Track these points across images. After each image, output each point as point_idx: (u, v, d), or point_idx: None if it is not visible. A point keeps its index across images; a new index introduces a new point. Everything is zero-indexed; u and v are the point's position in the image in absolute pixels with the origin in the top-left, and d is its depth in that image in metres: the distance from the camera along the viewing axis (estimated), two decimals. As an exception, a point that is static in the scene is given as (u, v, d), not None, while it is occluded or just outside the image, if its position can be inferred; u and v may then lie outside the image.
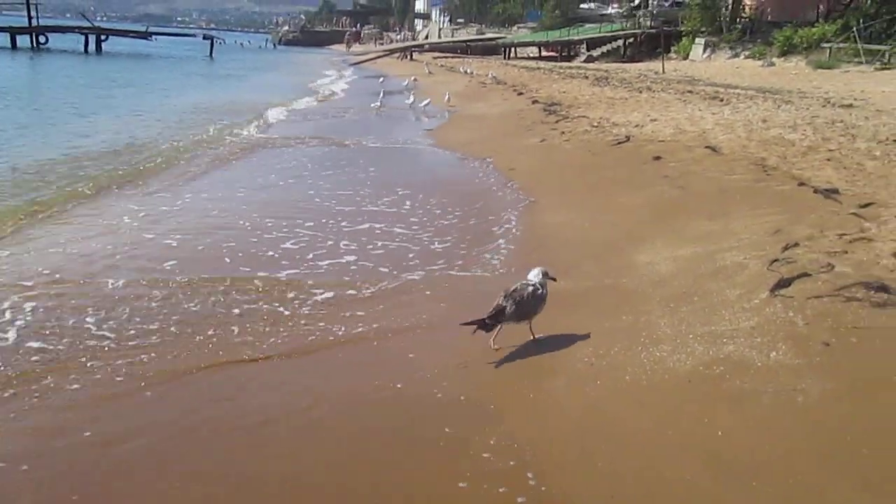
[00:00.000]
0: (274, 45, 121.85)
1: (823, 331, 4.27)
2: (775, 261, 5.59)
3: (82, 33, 56.38)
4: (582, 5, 69.72)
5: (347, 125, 19.13)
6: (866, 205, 6.97)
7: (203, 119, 18.56)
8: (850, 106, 15.43)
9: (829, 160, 9.10)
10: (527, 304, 4.71)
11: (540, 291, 4.77)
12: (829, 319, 4.40)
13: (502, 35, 72.55)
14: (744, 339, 4.35)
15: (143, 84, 30.22)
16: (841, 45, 30.64)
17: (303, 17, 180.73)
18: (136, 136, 14.92)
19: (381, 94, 23.50)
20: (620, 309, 5.25)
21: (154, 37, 66.89)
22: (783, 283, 5.08)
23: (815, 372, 3.85)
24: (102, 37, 57.53)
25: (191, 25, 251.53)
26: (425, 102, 21.62)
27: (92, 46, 55.19)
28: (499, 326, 4.73)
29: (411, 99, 21.69)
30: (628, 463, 3.43)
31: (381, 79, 32.18)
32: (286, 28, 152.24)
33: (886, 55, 27.67)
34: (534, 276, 4.88)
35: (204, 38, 72.64)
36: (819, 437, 3.38)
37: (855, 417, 3.47)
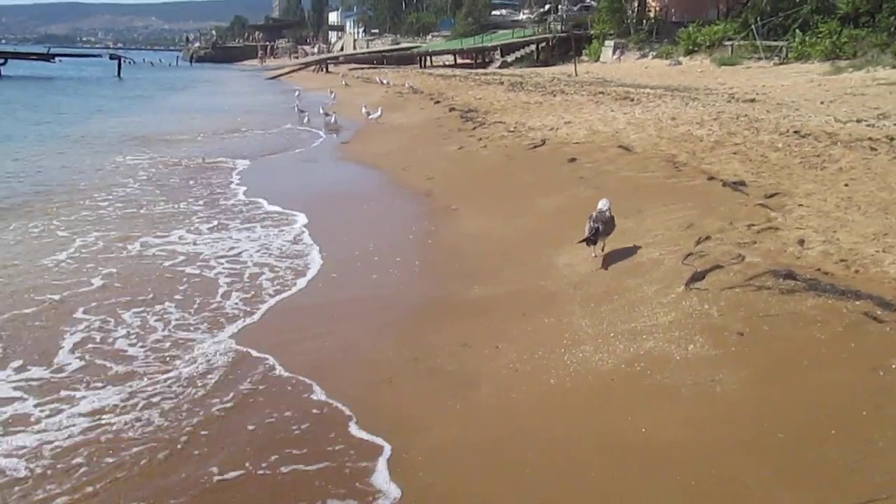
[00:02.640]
0: (192, 62, 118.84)
1: (737, 321, 4.38)
2: (689, 255, 5.73)
3: (-25, 58, 53.76)
4: (494, 12, 70.69)
5: (256, 141, 18.69)
6: (772, 195, 7.24)
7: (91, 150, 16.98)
8: (753, 100, 16.08)
9: (735, 154, 9.42)
10: (609, 224, 6.17)
11: (610, 214, 6.18)
12: (742, 309, 4.52)
13: (417, 44, 72.81)
14: (662, 334, 4.43)
15: (40, 109, 28.45)
16: (742, 42, 31.96)
17: (214, 32, 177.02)
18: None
19: (297, 109, 23.17)
20: (543, 311, 5.28)
21: (57, 58, 64.34)
22: (697, 277, 5.21)
23: (731, 362, 3.95)
24: (0, 60, 54.92)
25: (97, 46, 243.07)
26: (336, 117, 21.37)
27: (-10, 71, 52.66)
28: (602, 242, 6.13)
29: (329, 115, 21.43)
30: (555, 468, 3.43)
31: (297, 92, 31.66)
32: (197, 45, 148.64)
33: (783, 51, 28.99)
34: (603, 204, 6.24)
35: (111, 57, 70.09)
36: (737, 425, 3.46)
37: (769, 403, 3.57)
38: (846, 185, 7.43)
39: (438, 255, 7.30)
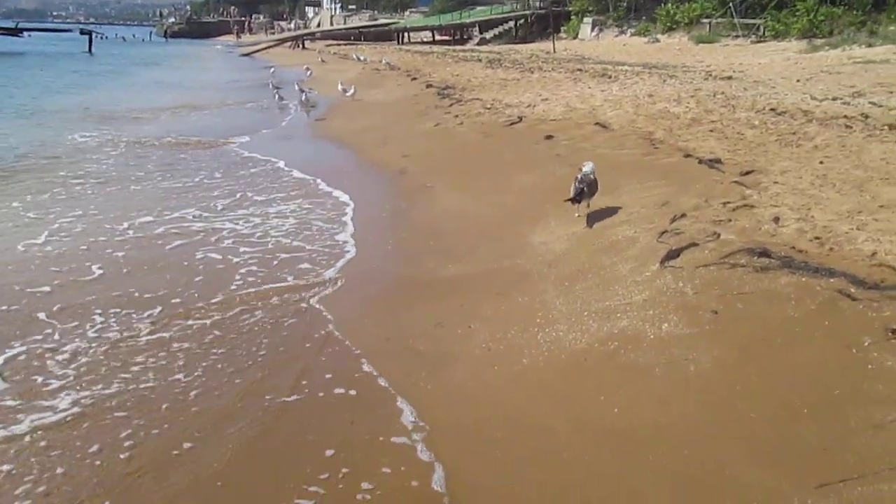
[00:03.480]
0: (166, 37, 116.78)
1: (711, 299, 4.35)
2: (664, 232, 5.69)
3: (-59, 32, 52.33)
4: (472, -12, 70.02)
5: (226, 119, 18.36)
6: (747, 172, 7.22)
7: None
8: (730, 78, 16.06)
9: (711, 131, 9.39)
10: (593, 185, 6.51)
11: (594, 176, 6.50)
12: (716, 287, 4.49)
13: (395, 20, 72.04)
14: (636, 312, 4.38)
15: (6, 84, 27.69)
16: (720, 20, 31.95)
17: (188, 7, 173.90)
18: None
19: (271, 85, 22.80)
20: (517, 290, 5.22)
21: (26, 33, 62.88)
22: (672, 255, 5.17)
23: (704, 340, 3.92)
24: (-34, 35, 53.63)
25: (68, 20, 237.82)
26: (312, 94, 21.10)
27: (-45, 46, 51.38)
28: (585, 202, 6.49)
29: (304, 91, 21.10)
30: (528, 448, 3.39)
31: (272, 69, 31.19)
32: (172, 20, 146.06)
33: (761, 29, 29.02)
34: (588, 167, 6.54)
35: (81, 32, 68.42)
36: (710, 405, 3.43)
37: (742, 382, 3.53)
38: (821, 162, 7.43)
39: (413, 233, 7.20)
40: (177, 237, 7.44)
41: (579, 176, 6.53)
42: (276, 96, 21.52)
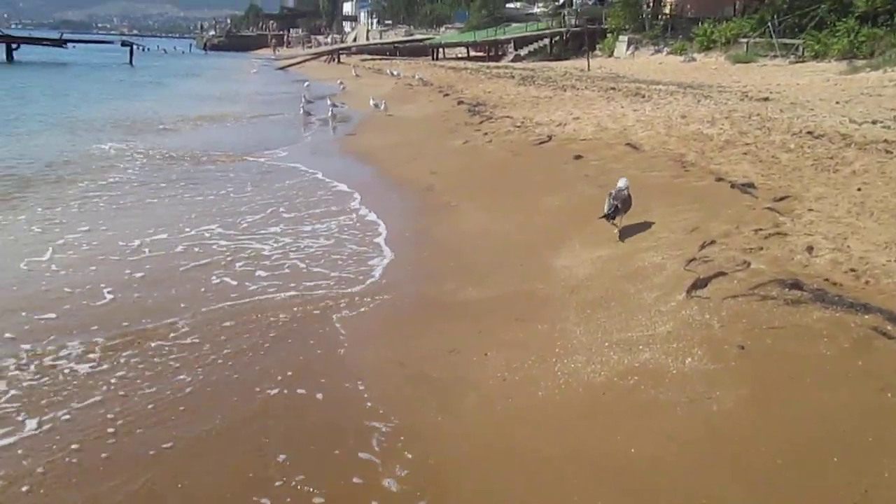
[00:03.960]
0: (206, 50, 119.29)
1: (738, 333, 4.16)
2: (692, 260, 5.51)
3: (-10, 42, 53.75)
4: (508, 5, 70.21)
5: (258, 133, 18.50)
6: (781, 198, 7.00)
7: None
8: (767, 99, 15.76)
9: (745, 154, 9.17)
10: (627, 202, 6.63)
11: (628, 193, 6.66)
12: (744, 320, 4.30)
13: (430, 36, 72.48)
14: (659, 345, 4.21)
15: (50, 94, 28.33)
16: (757, 39, 31.52)
17: (229, 21, 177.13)
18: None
19: (304, 98, 22.95)
20: (537, 317, 5.06)
21: (70, 44, 64.41)
22: (699, 284, 4.99)
23: (729, 377, 3.73)
24: (14, 45, 54.93)
25: (112, 32, 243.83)
26: (343, 108, 21.26)
27: (2, 56, 52.65)
28: (620, 217, 6.57)
29: (336, 105, 21.23)
30: (540, 492, 3.22)
31: (306, 83, 31.49)
32: (212, 33, 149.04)
33: (800, 49, 28.55)
34: (623, 183, 6.76)
35: (123, 44, 70.02)
36: (733, 448, 3.24)
37: (768, 425, 3.35)
38: (859, 189, 7.18)
39: (435, 253, 7.09)
40: (192, 257, 7.20)
41: (613, 192, 6.67)
42: (303, 111, 21.62)
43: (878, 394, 3.40)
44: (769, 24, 31.15)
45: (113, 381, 4.48)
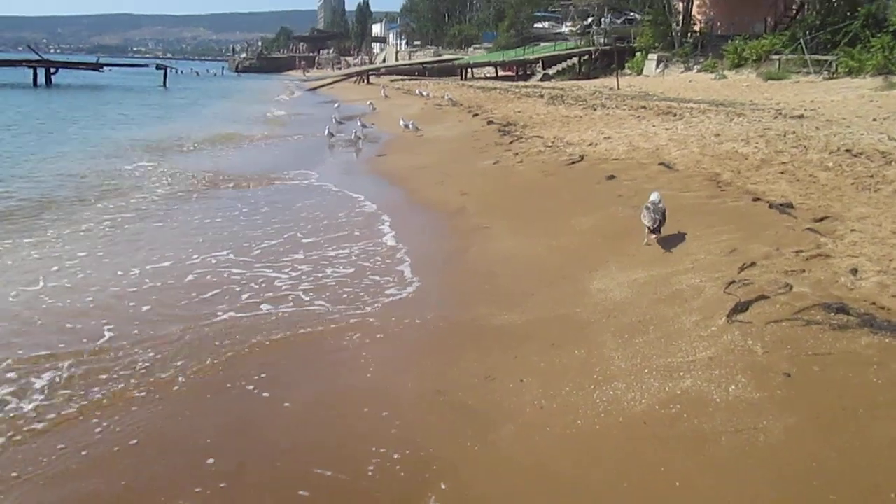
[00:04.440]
0: (237, 72, 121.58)
1: (783, 359, 4.04)
2: (732, 283, 5.39)
3: (30, 66, 55.12)
4: (536, 24, 70.41)
5: (285, 153, 18.62)
6: (821, 219, 6.84)
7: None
8: (801, 117, 15.54)
9: (782, 173, 9.00)
10: (664, 214, 6.83)
11: (663, 205, 6.87)
12: (788, 346, 4.17)
13: (459, 56, 72.91)
14: (701, 371, 4.09)
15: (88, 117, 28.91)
16: (790, 56, 31.21)
17: (260, 43, 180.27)
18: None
19: (334, 120, 23.14)
20: (573, 342, 4.96)
21: (106, 68, 65.92)
22: (740, 308, 4.86)
23: (776, 407, 3.61)
24: (52, 69, 56.36)
25: (147, 56, 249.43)
26: (373, 129, 21.43)
27: (42, 79, 54.04)
28: (659, 231, 6.81)
29: (366, 126, 21.39)
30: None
31: (337, 104, 31.81)
32: (243, 55, 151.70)
33: (833, 65, 28.21)
34: (656, 197, 6.92)
35: (157, 67, 71.62)
36: (784, 482, 3.12)
37: (820, 458, 3.21)
38: (902, 209, 7.00)
39: (467, 276, 7.02)
40: (200, 288, 6.94)
41: (651, 206, 6.86)
42: (342, 131, 21.66)
43: (936, 426, 3.26)
44: (801, 40, 30.84)
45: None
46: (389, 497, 3.49)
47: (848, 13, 30.78)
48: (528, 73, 54.35)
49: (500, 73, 58.82)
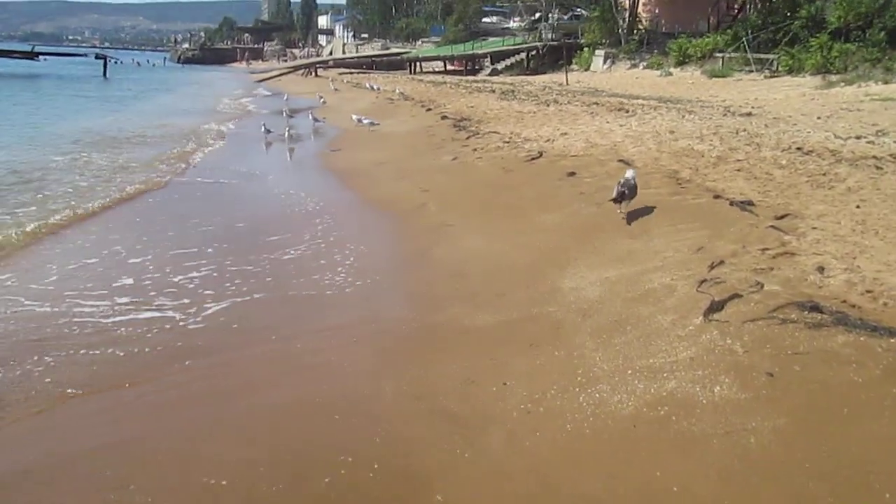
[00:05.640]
0: (179, 62, 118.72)
1: (764, 359, 4.07)
2: (704, 281, 5.42)
3: (-42, 54, 52.89)
4: (484, 19, 70.61)
5: (236, 147, 18.17)
6: (782, 216, 6.96)
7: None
8: (750, 114, 15.88)
9: (739, 170, 9.16)
10: (633, 190, 7.45)
11: (634, 182, 7.48)
12: (768, 345, 4.21)
13: (407, 50, 72.61)
14: (684, 372, 4.10)
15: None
16: (732, 54, 31.91)
17: (202, 34, 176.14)
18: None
19: (284, 114, 22.73)
20: (551, 343, 4.93)
21: (42, 57, 63.57)
22: (716, 307, 4.90)
23: (763, 407, 3.63)
24: (-17, 58, 54.16)
25: (84, 45, 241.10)
26: (324, 123, 21.04)
27: (-29, 68, 51.90)
28: (624, 202, 7.43)
29: (318, 120, 21.02)
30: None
31: (285, 96, 31.26)
32: (185, 46, 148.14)
33: (774, 64, 28.95)
34: (631, 174, 7.56)
35: (97, 57, 69.25)
36: (778, 484, 3.13)
37: (811, 459, 3.24)
38: (858, 206, 7.18)
39: (436, 276, 6.91)
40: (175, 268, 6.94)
41: (622, 180, 7.49)
42: (291, 125, 21.04)
43: (919, 424, 3.31)
44: (743, 39, 31.57)
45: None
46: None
47: (788, 13, 31.61)
48: (477, 67, 54.49)
49: (449, 67, 58.80)
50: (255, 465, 3.67)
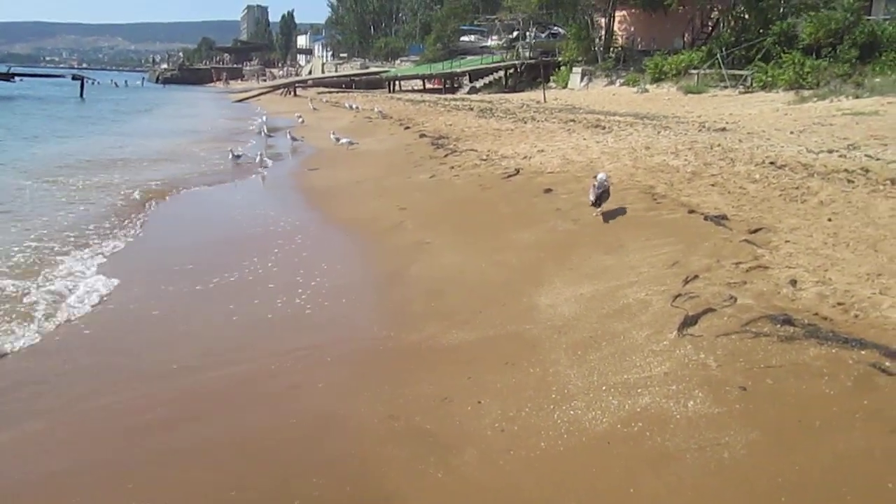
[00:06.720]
0: (158, 82, 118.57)
1: (737, 373, 4.08)
2: (678, 296, 5.44)
3: (-68, 76, 52.30)
4: (462, 38, 71.10)
5: (210, 166, 18.00)
6: (755, 230, 7.01)
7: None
8: (724, 129, 16.06)
9: (713, 185, 9.23)
10: (607, 192, 7.98)
11: (608, 184, 8.01)
12: (741, 359, 4.22)
13: (386, 69, 72.92)
14: (658, 387, 4.10)
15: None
16: (707, 71, 32.41)
17: (181, 54, 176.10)
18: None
19: (263, 133, 22.68)
20: (527, 360, 4.91)
21: (17, 78, 63.06)
22: (690, 321, 4.91)
23: (736, 421, 3.63)
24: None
25: (61, 66, 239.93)
26: (302, 142, 20.95)
27: (-54, 90, 51.32)
28: (602, 205, 7.98)
29: (296, 139, 20.98)
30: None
31: (264, 116, 31.17)
32: (164, 66, 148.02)
33: (748, 80, 29.43)
34: (602, 176, 8.08)
35: (73, 77, 68.76)
36: (752, 499, 3.12)
37: (784, 473, 3.24)
38: (829, 219, 7.26)
39: (414, 293, 6.88)
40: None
41: (595, 183, 8.00)
42: (269, 144, 20.83)
43: (889, 436, 3.32)
44: (717, 55, 32.07)
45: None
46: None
47: (761, 30, 32.20)
48: (456, 85, 54.82)
49: (428, 85, 59.11)
50: (224, 488, 3.61)
